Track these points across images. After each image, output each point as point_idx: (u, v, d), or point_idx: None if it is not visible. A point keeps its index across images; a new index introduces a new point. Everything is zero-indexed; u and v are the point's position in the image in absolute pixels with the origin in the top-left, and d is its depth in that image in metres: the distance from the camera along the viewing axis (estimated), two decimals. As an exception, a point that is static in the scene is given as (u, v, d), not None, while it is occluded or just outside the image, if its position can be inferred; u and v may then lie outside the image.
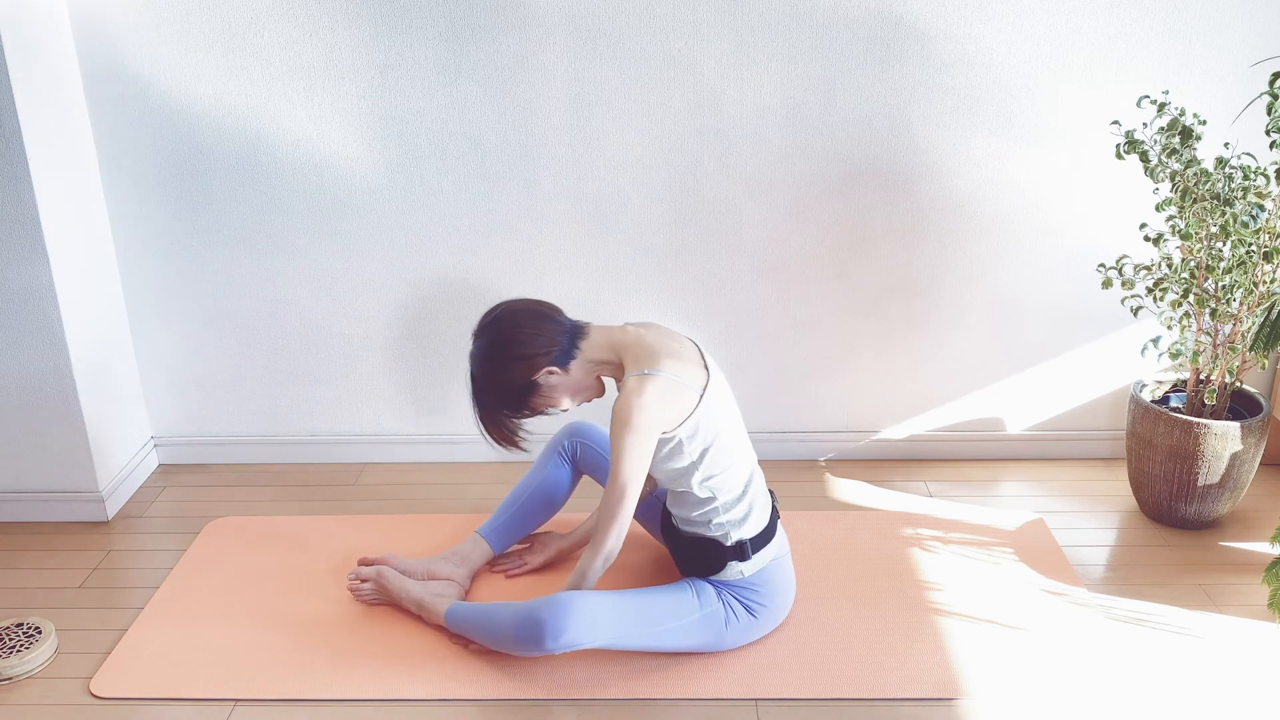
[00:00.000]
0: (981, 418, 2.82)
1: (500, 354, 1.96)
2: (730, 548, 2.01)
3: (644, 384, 1.90)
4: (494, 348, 1.97)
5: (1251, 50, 2.43)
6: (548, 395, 2.00)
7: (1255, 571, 2.32)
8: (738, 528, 2.02)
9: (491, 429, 2.04)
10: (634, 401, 1.89)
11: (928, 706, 1.93)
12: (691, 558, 2.06)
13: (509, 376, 1.97)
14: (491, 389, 1.99)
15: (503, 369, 1.97)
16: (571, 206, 2.61)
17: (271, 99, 2.52)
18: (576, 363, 1.99)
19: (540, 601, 1.93)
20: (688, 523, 2.05)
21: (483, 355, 1.99)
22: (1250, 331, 2.24)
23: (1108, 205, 2.57)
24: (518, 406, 2.01)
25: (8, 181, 2.31)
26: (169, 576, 2.35)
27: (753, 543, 2.03)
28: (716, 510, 2.01)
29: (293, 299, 2.72)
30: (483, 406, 2.02)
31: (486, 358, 1.98)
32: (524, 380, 1.97)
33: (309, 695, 1.98)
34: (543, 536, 2.37)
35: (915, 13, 2.42)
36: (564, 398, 2.02)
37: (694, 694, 1.96)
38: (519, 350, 1.95)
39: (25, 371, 2.47)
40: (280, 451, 2.89)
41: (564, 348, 1.97)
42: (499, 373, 1.97)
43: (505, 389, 1.98)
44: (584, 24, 2.44)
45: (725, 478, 2.00)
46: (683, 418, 1.93)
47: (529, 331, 1.96)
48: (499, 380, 1.98)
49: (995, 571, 2.32)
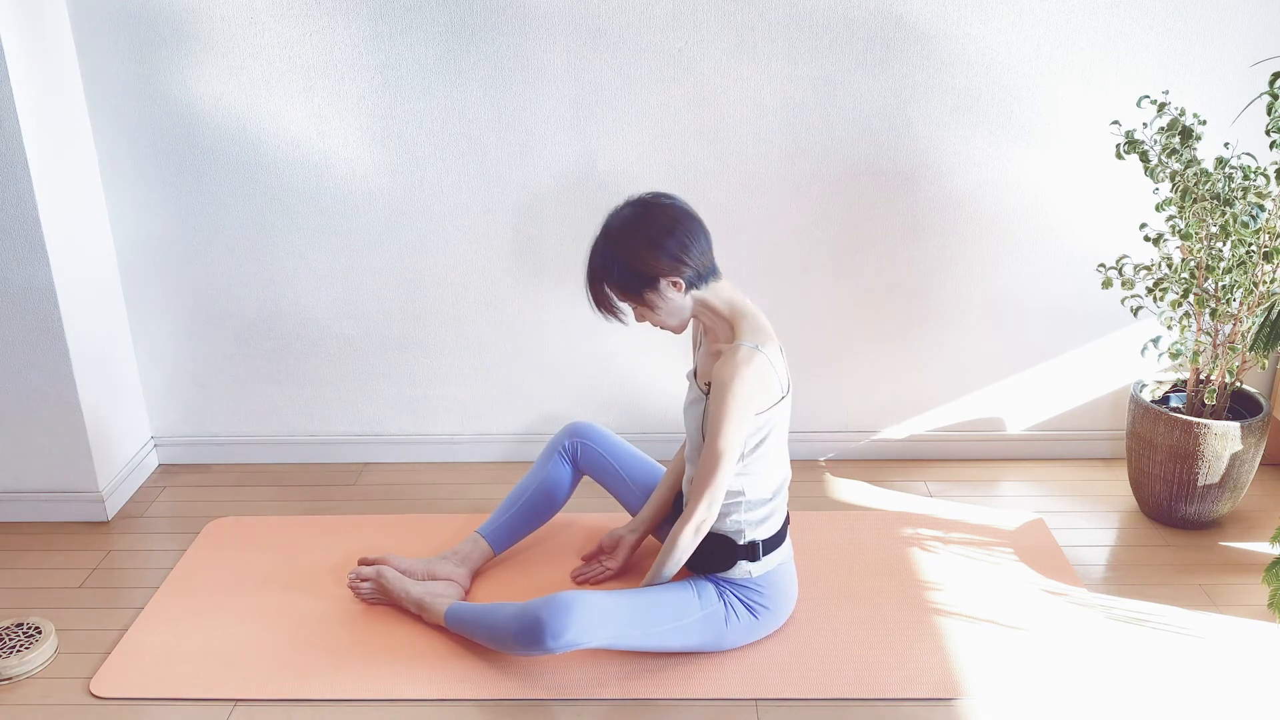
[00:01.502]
0: (981, 418, 2.82)
1: (647, 233, 1.90)
2: (743, 546, 2.02)
3: (755, 357, 1.90)
4: (646, 224, 1.90)
5: (1251, 50, 2.43)
6: (651, 299, 1.93)
7: (1255, 571, 2.32)
8: (754, 528, 2.03)
9: (595, 288, 1.97)
10: (745, 371, 1.88)
11: (928, 706, 1.93)
12: (701, 552, 2.05)
13: (640, 257, 1.90)
14: (616, 257, 1.91)
15: (640, 248, 1.89)
16: (571, 206, 2.61)
17: (271, 99, 2.52)
18: (698, 293, 1.95)
19: (540, 601, 1.93)
20: None
21: (631, 224, 1.92)
22: (1250, 331, 2.24)
23: (1108, 205, 2.57)
24: (623, 288, 1.93)
25: (8, 181, 2.31)
26: (169, 576, 2.35)
27: (765, 544, 2.03)
28: (739, 506, 2.01)
29: (293, 299, 2.72)
30: (596, 268, 1.95)
31: (633, 228, 1.91)
32: (650, 271, 1.90)
33: (309, 695, 1.98)
34: (612, 536, 2.32)
35: (915, 13, 2.41)
36: (659, 312, 1.95)
37: (694, 694, 1.96)
38: (666, 243, 1.89)
39: (25, 371, 2.47)
40: (280, 451, 2.89)
41: (700, 273, 1.93)
42: (635, 248, 1.90)
43: (628, 265, 1.91)
44: (584, 24, 2.44)
45: (759, 478, 2.01)
46: (767, 405, 1.94)
47: (685, 236, 1.91)
48: (628, 254, 1.90)
49: (995, 571, 2.32)
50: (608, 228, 1.95)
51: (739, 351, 1.91)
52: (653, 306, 1.95)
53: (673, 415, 2.81)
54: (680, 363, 2.75)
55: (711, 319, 1.99)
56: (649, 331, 2.71)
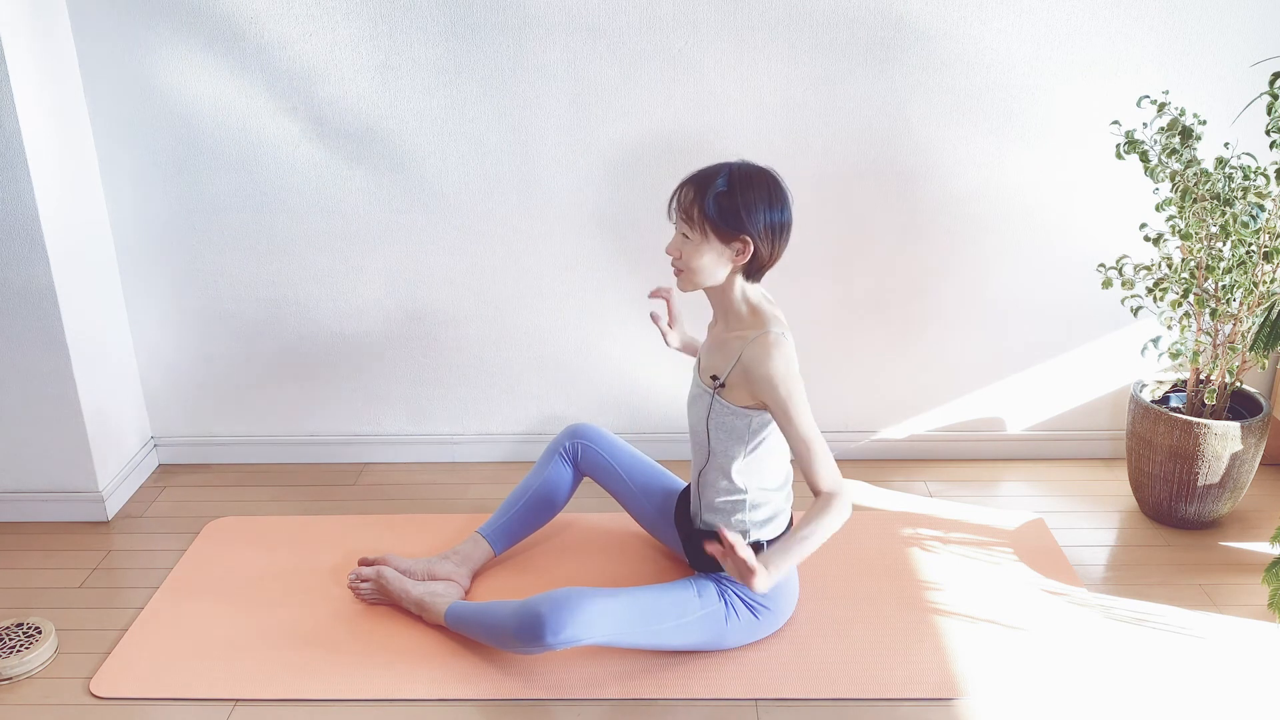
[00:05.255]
0: (981, 418, 2.82)
1: (769, 193, 1.88)
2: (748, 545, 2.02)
3: (786, 341, 1.91)
4: (772, 189, 1.89)
5: (1251, 50, 2.43)
6: (714, 237, 1.89)
7: (1255, 571, 2.32)
8: (759, 528, 2.03)
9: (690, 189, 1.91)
10: (786, 351, 1.89)
11: (928, 706, 1.93)
12: (703, 550, 2.05)
13: (750, 201, 1.87)
14: (732, 185, 1.87)
15: (757, 196, 1.87)
16: (571, 206, 2.61)
17: (271, 99, 2.52)
18: (751, 269, 1.94)
19: (540, 597, 1.93)
20: (711, 511, 2.05)
21: (762, 176, 1.90)
22: (1250, 331, 2.24)
23: (1108, 205, 2.57)
24: (711, 210, 1.87)
25: (8, 181, 2.31)
26: (169, 576, 2.35)
27: (769, 544, 2.03)
28: (743, 505, 2.01)
29: (293, 299, 2.72)
30: (706, 176, 1.91)
31: (762, 181, 1.89)
32: (745, 217, 1.87)
33: (309, 695, 1.98)
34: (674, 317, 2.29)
35: (915, 13, 2.42)
36: (699, 256, 1.90)
37: (694, 694, 1.96)
38: (774, 214, 1.88)
39: (25, 371, 2.47)
40: (280, 451, 2.89)
41: (763, 264, 1.93)
42: (752, 193, 1.87)
43: (735, 198, 1.87)
44: (584, 24, 2.44)
45: (761, 476, 2.01)
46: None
47: (787, 226, 1.91)
48: (744, 191, 1.87)
49: (995, 571, 2.32)
50: (742, 163, 1.93)
51: (770, 334, 1.91)
52: (702, 247, 1.90)
53: (673, 416, 2.81)
54: (679, 363, 2.75)
55: (737, 305, 1.97)
56: (648, 332, 2.72)
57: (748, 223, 1.87)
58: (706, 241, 1.89)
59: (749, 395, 1.93)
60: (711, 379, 1.99)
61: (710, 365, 2.02)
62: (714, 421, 1.98)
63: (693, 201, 1.89)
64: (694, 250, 1.91)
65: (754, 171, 1.91)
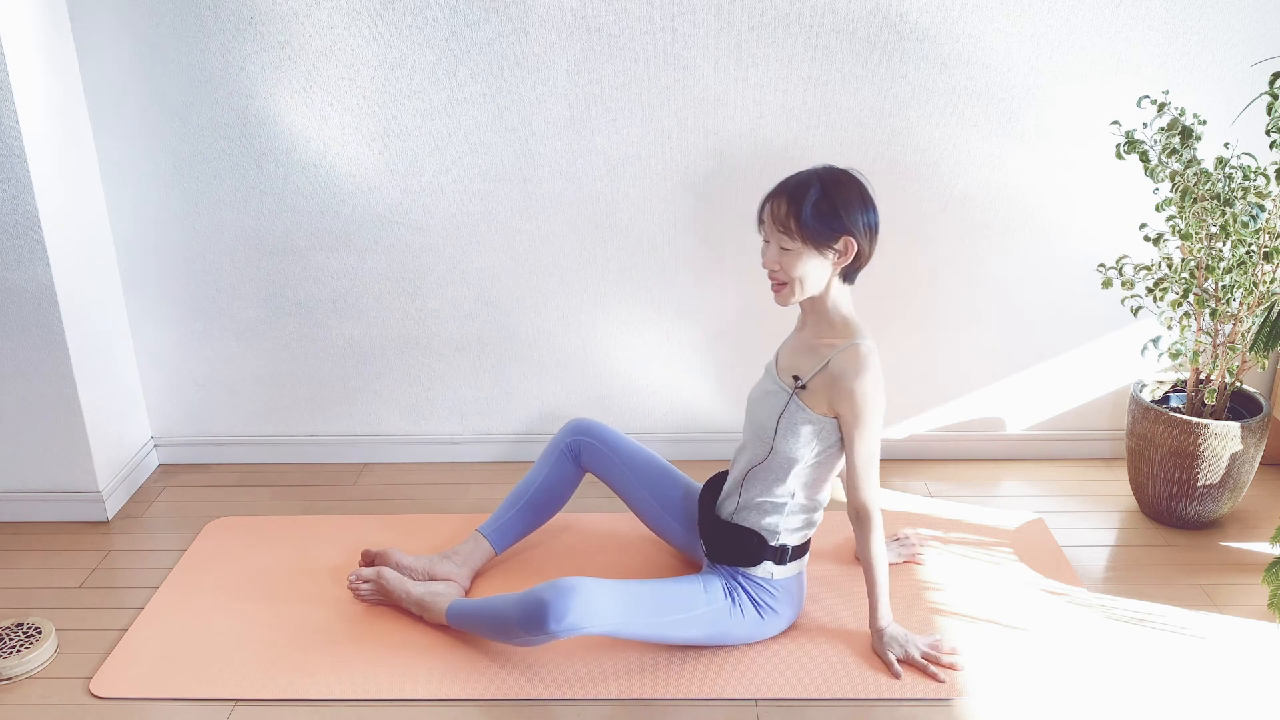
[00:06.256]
0: (981, 418, 2.82)
1: (861, 193, 1.91)
2: (773, 548, 2.02)
3: (875, 357, 1.93)
4: (863, 190, 1.92)
5: (1251, 50, 2.43)
6: (813, 246, 1.89)
7: (1255, 571, 2.32)
8: (790, 534, 2.04)
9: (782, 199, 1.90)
10: (875, 368, 1.91)
11: (928, 706, 1.93)
12: (728, 543, 2.05)
13: (847, 202, 1.89)
14: (827, 190, 1.88)
15: (853, 198, 1.89)
16: (571, 206, 2.61)
17: (271, 99, 2.52)
18: (850, 271, 1.95)
19: (544, 585, 1.92)
20: (749, 508, 2.04)
21: (851, 178, 1.92)
22: (1250, 331, 2.24)
23: (1108, 205, 2.57)
24: (809, 218, 1.87)
25: (8, 181, 2.31)
26: (169, 576, 2.36)
27: (793, 550, 2.05)
28: (783, 508, 2.02)
29: (292, 299, 2.72)
30: (798, 184, 1.91)
31: (852, 182, 1.91)
32: (842, 221, 1.88)
33: (309, 695, 1.98)
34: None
35: (915, 13, 2.42)
36: (801, 264, 1.90)
37: (694, 694, 1.96)
38: (870, 214, 1.92)
39: (25, 371, 2.47)
40: (280, 451, 2.89)
41: (859, 265, 1.95)
42: (848, 195, 1.89)
43: (832, 201, 1.88)
44: (584, 24, 2.44)
45: (813, 488, 2.03)
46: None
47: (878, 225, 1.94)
48: (839, 194, 1.89)
49: (995, 571, 2.32)
50: (828, 167, 1.94)
51: (861, 347, 1.92)
52: (803, 255, 1.90)
53: (672, 416, 2.81)
54: (678, 363, 2.75)
55: (830, 313, 1.98)
56: (648, 332, 2.72)
57: (848, 223, 1.89)
58: (807, 249, 1.90)
59: (826, 403, 1.94)
60: (793, 379, 1.99)
61: (793, 366, 2.01)
62: (785, 421, 1.97)
63: (788, 212, 1.89)
64: (794, 260, 1.91)
65: (841, 174, 1.93)
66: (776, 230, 1.91)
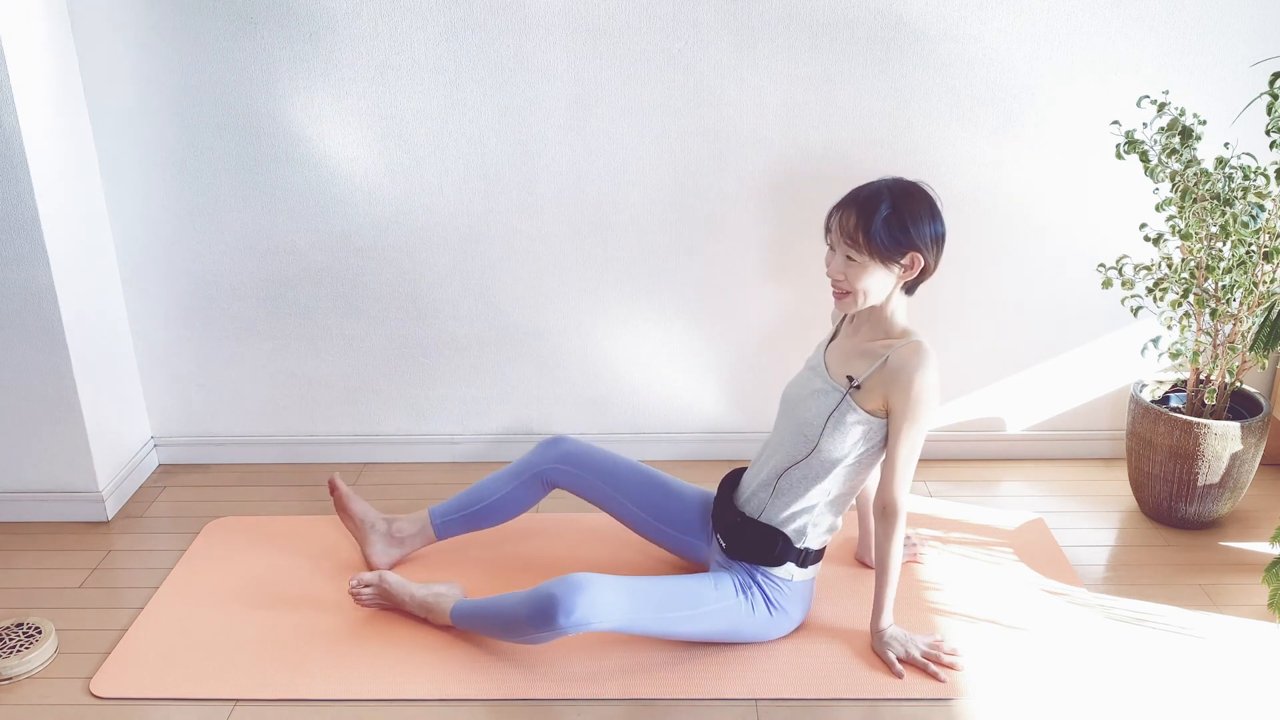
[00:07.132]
0: (981, 418, 2.82)
1: (930, 206, 1.92)
2: (797, 550, 2.02)
3: (934, 355, 1.93)
4: (932, 203, 1.93)
5: (1251, 50, 2.43)
6: (881, 259, 1.90)
7: (1255, 571, 2.32)
8: (816, 538, 2.04)
9: (852, 212, 1.91)
10: (934, 365, 1.91)
11: (928, 706, 1.93)
12: (749, 541, 2.04)
13: (916, 215, 1.89)
14: (897, 204, 1.89)
15: (922, 211, 1.90)
16: (571, 206, 2.61)
17: (272, 99, 2.52)
18: (914, 283, 1.97)
19: (553, 581, 1.92)
20: (777, 507, 2.03)
21: (921, 190, 1.93)
22: (1250, 331, 2.24)
23: (1108, 205, 2.57)
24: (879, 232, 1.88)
25: (8, 181, 2.31)
26: (169, 576, 2.35)
27: (814, 554, 2.05)
28: (814, 510, 2.02)
29: (292, 298, 2.72)
30: (868, 197, 1.91)
31: (922, 195, 1.92)
32: (913, 234, 1.89)
33: (309, 695, 1.98)
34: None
35: (915, 13, 2.42)
36: (867, 277, 1.91)
37: (694, 694, 1.96)
38: (938, 226, 1.93)
39: (25, 371, 2.47)
40: (280, 451, 2.89)
41: (924, 278, 1.97)
42: (917, 208, 1.90)
43: (902, 215, 1.89)
44: (584, 24, 2.44)
45: (851, 492, 2.04)
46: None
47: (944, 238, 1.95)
48: (908, 207, 1.89)
49: (995, 571, 2.32)
50: (898, 180, 1.94)
51: (921, 343, 1.93)
52: (869, 267, 1.91)
53: (672, 415, 2.81)
54: (677, 362, 2.75)
55: (888, 321, 1.99)
56: (648, 332, 2.72)
57: (916, 238, 1.90)
58: (874, 262, 1.91)
59: (881, 398, 1.94)
60: (847, 379, 1.98)
61: (846, 367, 2.01)
62: (834, 420, 1.97)
63: (857, 225, 1.90)
64: (860, 271, 1.92)
65: (910, 187, 1.93)
66: (844, 241, 1.92)
